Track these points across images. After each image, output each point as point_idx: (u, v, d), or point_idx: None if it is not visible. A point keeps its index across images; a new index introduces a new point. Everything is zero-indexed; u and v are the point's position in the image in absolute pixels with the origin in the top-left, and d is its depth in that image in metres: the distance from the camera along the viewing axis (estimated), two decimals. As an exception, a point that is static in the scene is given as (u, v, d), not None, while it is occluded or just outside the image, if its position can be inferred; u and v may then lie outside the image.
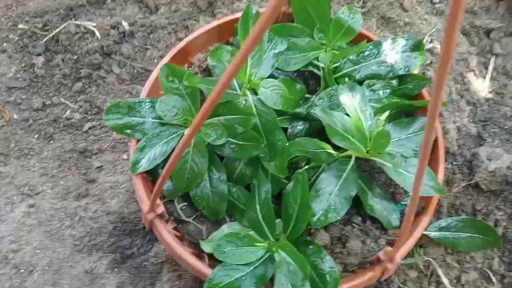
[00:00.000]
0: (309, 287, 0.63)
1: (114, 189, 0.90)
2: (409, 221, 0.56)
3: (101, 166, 0.93)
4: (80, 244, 0.84)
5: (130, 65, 1.04)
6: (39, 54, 1.07)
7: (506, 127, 0.88)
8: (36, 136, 0.98)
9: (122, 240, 0.84)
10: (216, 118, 0.70)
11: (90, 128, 0.98)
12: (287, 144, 0.71)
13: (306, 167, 0.75)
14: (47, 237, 0.84)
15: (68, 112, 1.00)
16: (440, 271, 0.84)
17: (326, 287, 0.64)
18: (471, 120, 0.89)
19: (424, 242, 0.85)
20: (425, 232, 0.83)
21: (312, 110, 0.71)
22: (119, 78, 1.03)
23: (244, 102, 0.71)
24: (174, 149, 0.70)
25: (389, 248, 0.66)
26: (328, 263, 0.66)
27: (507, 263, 0.85)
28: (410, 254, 0.85)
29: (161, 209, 0.67)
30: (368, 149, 0.70)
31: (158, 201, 0.67)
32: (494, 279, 0.84)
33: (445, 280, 0.83)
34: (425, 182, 0.69)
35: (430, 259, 0.84)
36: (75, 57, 1.05)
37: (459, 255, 0.85)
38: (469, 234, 0.83)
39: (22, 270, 0.81)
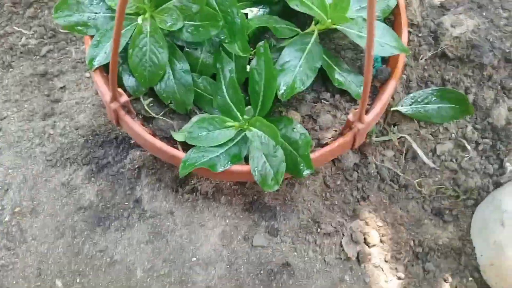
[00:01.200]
0: (281, 152, 0.63)
1: (80, 104, 0.88)
2: (369, 69, 0.55)
3: (64, 86, 0.90)
4: (53, 159, 0.83)
5: (81, -17, 1.00)
6: (-16, -15, 1.01)
7: (468, -4, 0.87)
8: (-6, 66, 0.94)
9: (95, 152, 0.83)
10: (170, 2, 0.68)
11: (48, 51, 0.94)
12: (246, 21, 0.69)
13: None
14: (18, 157, 0.82)
15: (23, 39, 0.96)
16: (415, 145, 0.85)
17: (298, 152, 0.64)
18: (433, -9, 0.88)
19: (397, 120, 0.86)
20: (397, 108, 0.84)
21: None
22: (71, -3, 0.99)
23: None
24: (130, 40, 0.68)
25: (357, 110, 0.65)
26: (299, 131, 0.65)
27: (480, 130, 0.86)
28: (385, 134, 0.86)
29: (124, 98, 0.65)
30: (328, 18, 0.69)
31: (120, 91, 0.66)
32: (468, 147, 0.85)
33: (420, 153, 0.85)
34: (388, 43, 0.69)
35: (404, 135, 0.85)
36: (23, -18, 1.00)
37: (433, 128, 0.86)
38: (440, 105, 0.83)
39: (-4, 190, 0.80)
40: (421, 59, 0.84)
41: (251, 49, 0.72)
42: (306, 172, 0.64)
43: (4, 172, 0.81)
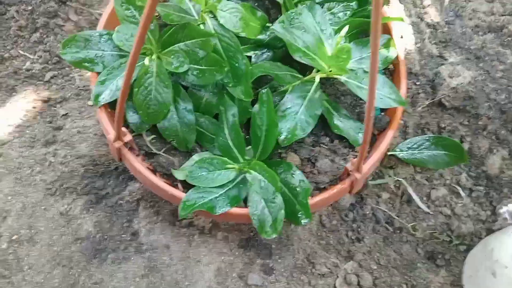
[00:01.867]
0: (280, 198, 0.64)
1: (82, 133, 0.88)
2: (369, 127, 0.57)
3: (67, 113, 0.91)
4: (53, 188, 0.83)
5: (87, 12, 1.02)
6: (-8, 7, 1.03)
7: (466, 47, 0.89)
8: (-3, 89, 0.95)
9: (95, 182, 0.84)
10: (176, 45, 0.69)
11: (52, 77, 0.96)
12: (250, 67, 0.71)
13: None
14: (17, 184, 0.83)
15: (28, 63, 0.97)
16: (410, 190, 0.86)
17: (297, 199, 0.66)
18: (432, 41, 0.91)
19: (393, 164, 0.87)
20: (393, 153, 0.86)
21: (272, 27, 0.70)
22: (77, 25, 1.00)
23: (203, 27, 0.70)
24: (136, 79, 0.69)
25: (355, 159, 0.67)
26: (298, 177, 0.67)
27: (474, 177, 0.88)
28: (381, 176, 0.87)
29: (128, 137, 0.67)
30: (330, 68, 0.71)
31: (125, 130, 0.67)
32: (462, 193, 0.87)
33: (416, 198, 0.86)
34: (387, 95, 0.71)
35: (400, 179, 0.87)
36: (30, 7, 1.02)
37: (428, 173, 0.88)
38: (435, 152, 0.85)
39: (-5, 218, 0.80)
40: (418, 106, 0.86)
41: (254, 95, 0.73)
42: (304, 221, 0.65)
43: (3, 199, 0.82)
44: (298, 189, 0.66)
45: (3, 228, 0.80)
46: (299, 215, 0.66)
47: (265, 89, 0.67)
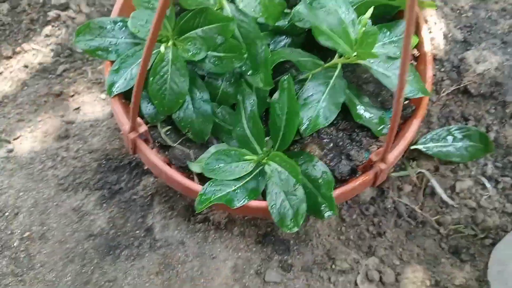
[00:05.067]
0: (301, 190, 0.61)
1: (94, 127, 0.86)
2: (397, 116, 0.54)
3: (79, 107, 0.89)
4: (65, 183, 0.81)
5: (99, 3, 0.99)
6: (3, 1, 1.01)
7: (491, 32, 0.86)
8: (9, 83, 0.93)
9: (108, 177, 0.82)
10: (193, 31, 0.67)
11: (64, 71, 0.94)
12: (270, 54, 0.68)
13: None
14: (29, 179, 0.81)
15: (39, 56, 0.96)
16: (434, 182, 0.83)
17: (319, 191, 0.63)
18: (457, 26, 0.87)
19: (415, 155, 0.84)
20: (416, 147, 0.82)
21: (296, 9, 0.67)
22: (89, 17, 0.98)
23: (221, 12, 0.67)
24: (151, 68, 0.67)
25: (380, 149, 0.64)
26: (320, 168, 0.64)
27: (500, 168, 0.84)
28: (403, 168, 0.84)
29: (143, 128, 0.64)
30: (354, 52, 0.68)
31: (140, 120, 0.64)
32: (488, 185, 0.83)
33: (439, 190, 0.83)
34: (410, 85, 0.67)
35: (423, 171, 0.83)
36: (41, 0, 1.00)
37: (453, 164, 0.85)
38: (460, 144, 0.82)
39: (7, 214, 0.78)
40: (443, 93, 0.83)
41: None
42: (328, 214, 0.62)
43: (15, 195, 0.80)
44: (320, 181, 0.63)
45: (14, 225, 0.78)
46: (322, 208, 0.63)
47: (286, 76, 0.64)
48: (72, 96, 0.91)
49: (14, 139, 0.86)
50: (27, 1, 1.00)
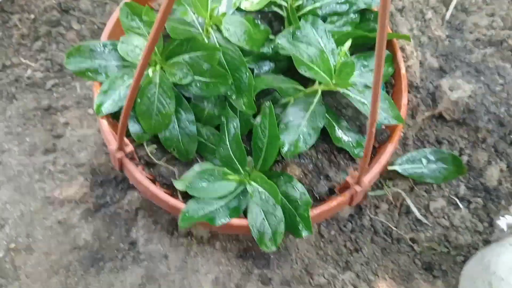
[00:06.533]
0: (280, 211, 0.64)
1: (82, 142, 0.88)
2: (369, 145, 0.57)
3: (67, 122, 0.91)
4: (51, 197, 0.83)
5: (89, 21, 1.02)
6: (-6, 15, 1.03)
7: (466, 60, 0.90)
8: (-2, 97, 0.95)
9: (94, 191, 0.84)
10: (181, 56, 0.70)
11: (53, 85, 0.95)
12: (253, 81, 0.71)
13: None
14: (16, 192, 0.83)
15: (29, 71, 0.97)
16: (409, 201, 0.87)
17: (297, 211, 0.66)
18: (433, 54, 0.91)
19: (392, 175, 0.88)
20: (392, 168, 0.86)
21: (277, 41, 0.71)
22: (79, 34, 1.00)
23: (207, 40, 0.71)
24: (139, 90, 0.70)
25: (356, 172, 0.67)
26: (299, 189, 0.67)
27: (472, 189, 0.88)
28: (380, 187, 0.88)
29: (129, 148, 0.67)
30: (333, 81, 0.71)
31: (126, 141, 0.67)
32: (461, 205, 0.87)
33: (414, 209, 0.87)
34: (385, 112, 0.71)
35: (399, 190, 0.87)
36: (32, 16, 1.02)
37: (427, 185, 0.88)
38: (434, 166, 0.86)
39: (-7, 226, 0.80)
40: (418, 118, 0.87)
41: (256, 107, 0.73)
42: (305, 234, 0.65)
43: (1, 207, 0.81)
44: (298, 201, 0.66)
45: (0, 236, 0.79)
46: (300, 228, 0.66)
47: (268, 102, 0.67)
48: (61, 111, 0.93)
49: (2, 152, 0.88)
50: (18, 16, 1.02)
